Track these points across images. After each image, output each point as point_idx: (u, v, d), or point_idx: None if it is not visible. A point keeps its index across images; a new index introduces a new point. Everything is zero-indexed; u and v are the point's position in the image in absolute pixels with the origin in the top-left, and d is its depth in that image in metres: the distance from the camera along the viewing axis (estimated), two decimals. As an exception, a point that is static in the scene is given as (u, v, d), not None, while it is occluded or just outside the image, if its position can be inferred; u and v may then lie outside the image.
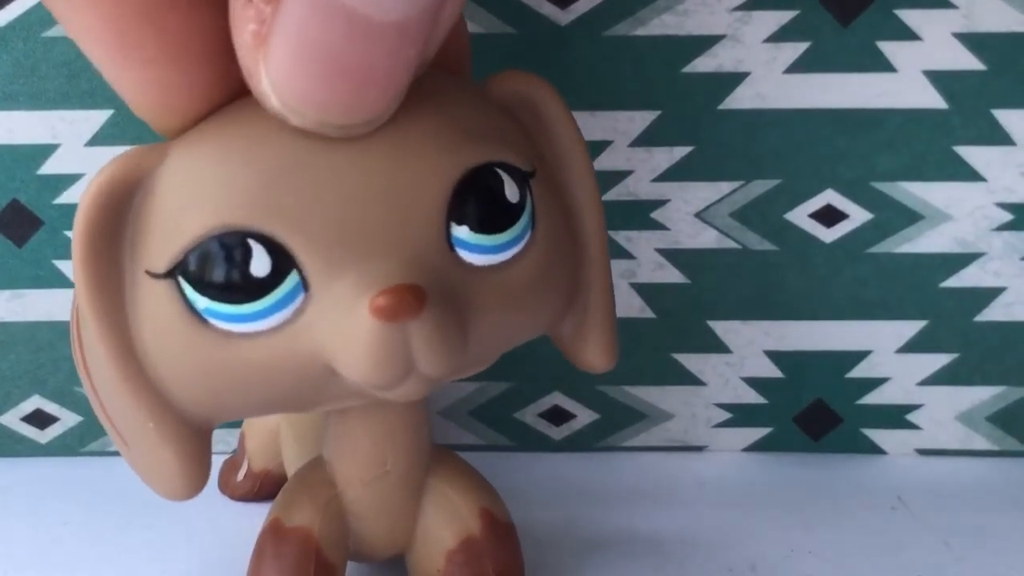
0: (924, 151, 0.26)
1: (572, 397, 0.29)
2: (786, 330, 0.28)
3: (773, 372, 0.28)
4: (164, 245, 0.16)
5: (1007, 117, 0.26)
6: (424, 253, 0.16)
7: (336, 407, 0.18)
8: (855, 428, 0.29)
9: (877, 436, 0.29)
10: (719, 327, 0.28)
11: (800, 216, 0.27)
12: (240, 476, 0.27)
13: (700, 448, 0.29)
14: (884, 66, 0.26)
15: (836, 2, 0.25)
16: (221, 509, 0.26)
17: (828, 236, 0.27)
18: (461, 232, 0.17)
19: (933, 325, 0.28)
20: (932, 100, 0.26)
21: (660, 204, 0.27)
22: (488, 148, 0.17)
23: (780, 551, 0.24)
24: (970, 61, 0.26)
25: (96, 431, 0.29)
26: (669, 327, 0.28)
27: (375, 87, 0.15)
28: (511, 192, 0.17)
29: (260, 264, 0.16)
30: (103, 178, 0.16)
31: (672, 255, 0.27)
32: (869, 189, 0.27)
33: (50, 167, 0.27)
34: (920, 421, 0.29)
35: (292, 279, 0.16)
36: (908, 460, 0.29)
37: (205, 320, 0.16)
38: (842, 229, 0.27)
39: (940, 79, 0.26)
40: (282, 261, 0.16)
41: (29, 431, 0.29)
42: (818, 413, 0.29)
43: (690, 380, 0.29)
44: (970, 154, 0.26)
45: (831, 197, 0.27)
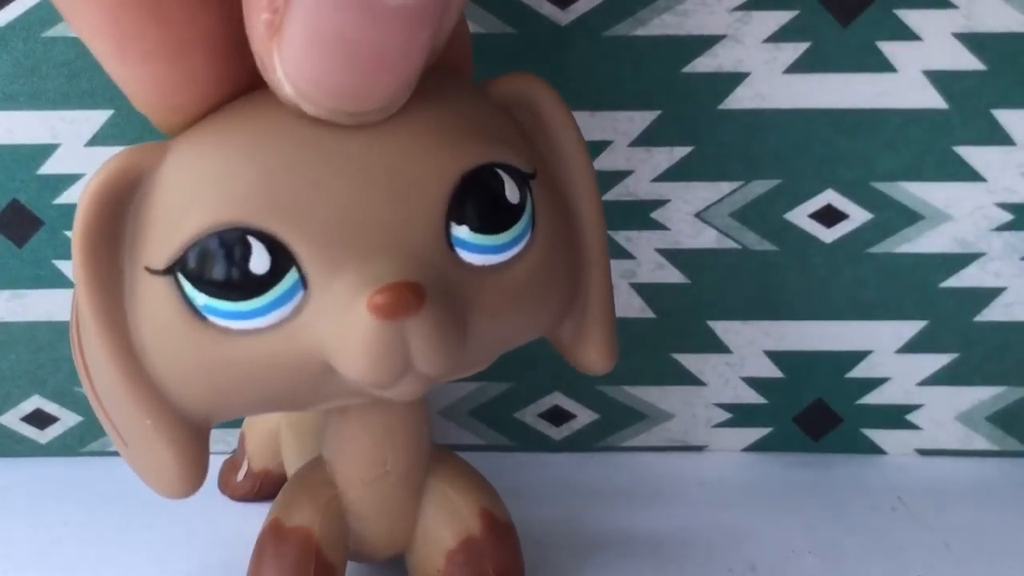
0: (924, 151, 0.26)
1: (572, 397, 0.29)
2: (786, 330, 0.28)
3: (773, 372, 0.28)
4: (164, 242, 0.16)
5: (1007, 117, 0.26)
6: (424, 252, 0.16)
7: (335, 405, 0.18)
8: (855, 428, 0.29)
9: (877, 436, 0.29)
10: (719, 327, 0.28)
11: (800, 216, 0.27)
12: (240, 476, 0.27)
13: (700, 448, 0.29)
14: (884, 66, 0.26)
15: (836, 2, 0.25)
16: (221, 509, 0.26)
17: (828, 236, 0.27)
18: (461, 232, 0.17)
19: (933, 325, 0.28)
20: (932, 100, 0.26)
21: (660, 204, 0.27)
22: (489, 149, 0.17)
23: (780, 551, 0.24)
24: (970, 61, 0.26)
25: (96, 431, 0.29)
26: (669, 327, 0.28)
27: (389, 72, 0.15)
28: (511, 193, 0.17)
29: (259, 261, 0.16)
30: (102, 176, 0.16)
31: (672, 255, 0.27)
32: (869, 189, 0.27)
33: (50, 167, 0.27)
34: (920, 421, 0.29)
35: (291, 277, 0.16)
36: (908, 460, 0.29)
37: (204, 317, 0.16)
38: (842, 229, 0.27)
39: (940, 79, 0.26)
40: (281, 259, 0.16)
41: (29, 431, 0.29)
42: (818, 413, 0.29)
43: (690, 380, 0.29)
44: (970, 154, 0.26)
45: (831, 197, 0.27)
